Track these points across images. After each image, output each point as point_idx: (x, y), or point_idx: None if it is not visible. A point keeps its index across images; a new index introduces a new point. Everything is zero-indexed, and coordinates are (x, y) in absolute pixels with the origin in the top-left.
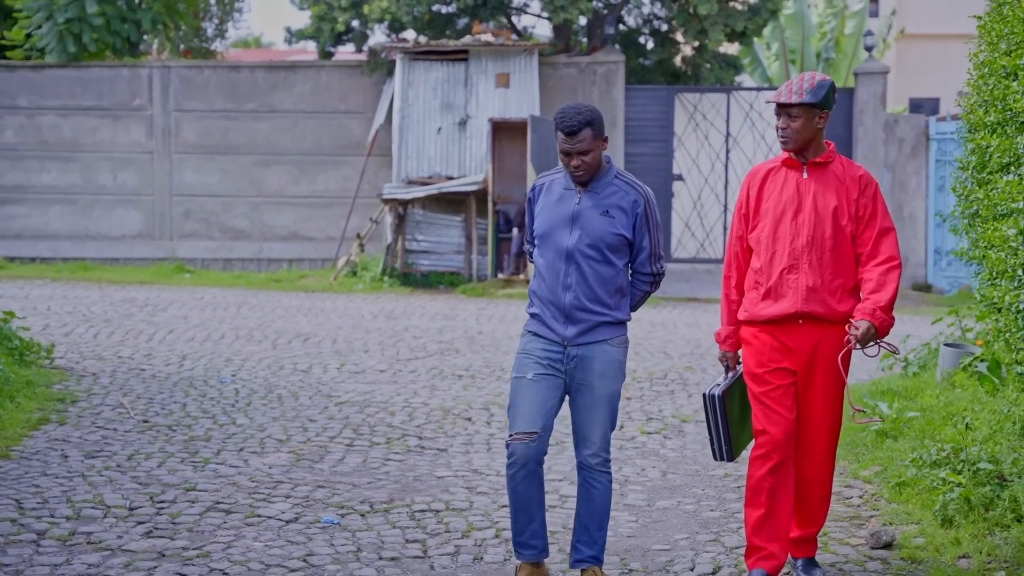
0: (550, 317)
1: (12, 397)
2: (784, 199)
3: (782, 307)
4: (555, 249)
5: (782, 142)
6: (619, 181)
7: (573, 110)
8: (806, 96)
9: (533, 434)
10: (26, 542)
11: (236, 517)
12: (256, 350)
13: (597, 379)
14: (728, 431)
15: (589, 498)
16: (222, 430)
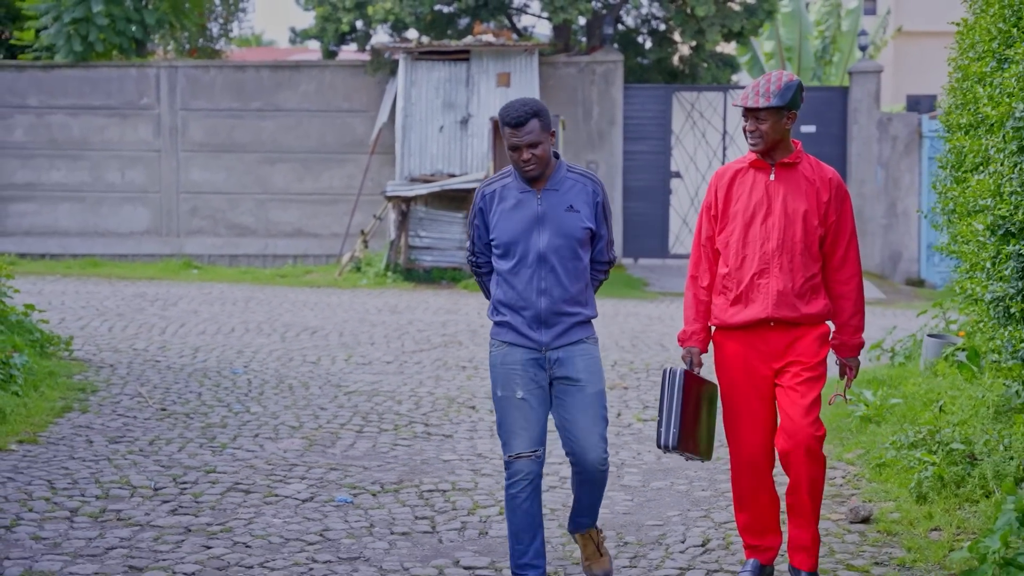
0: (523, 324)
1: (36, 386)
2: (753, 202)
3: (752, 312)
4: (523, 254)
5: (751, 144)
6: (572, 174)
7: (519, 103)
8: (773, 99)
9: (535, 452)
10: (60, 518)
11: (255, 497)
12: (266, 343)
13: (585, 375)
14: (683, 414)
15: (590, 491)
16: (237, 418)
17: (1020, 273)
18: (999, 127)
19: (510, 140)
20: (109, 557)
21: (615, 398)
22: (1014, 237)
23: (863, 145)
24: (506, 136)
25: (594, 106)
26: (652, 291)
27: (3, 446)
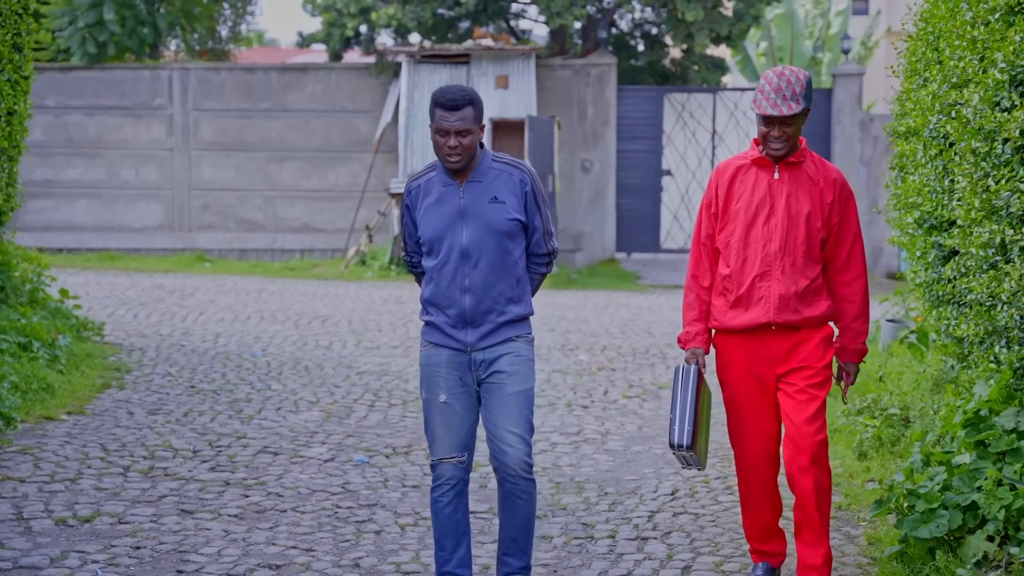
0: (448, 324)
1: (77, 366)
2: (756, 201)
3: (753, 316)
4: (448, 251)
5: (775, 151)
6: (498, 164)
7: (456, 87)
8: (803, 102)
9: (459, 458)
10: (115, 474)
11: (282, 458)
12: (280, 329)
13: (507, 376)
14: (696, 410)
15: (514, 508)
16: (260, 394)
17: (941, 260)
18: (921, 136)
19: (440, 123)
20: (162, 503)
21: (603, 378)
22: (936, 229)
23: (846, 145)
24: (436, 118)
25: (589, 107)
26: (643, 283)
27: (55, 416)
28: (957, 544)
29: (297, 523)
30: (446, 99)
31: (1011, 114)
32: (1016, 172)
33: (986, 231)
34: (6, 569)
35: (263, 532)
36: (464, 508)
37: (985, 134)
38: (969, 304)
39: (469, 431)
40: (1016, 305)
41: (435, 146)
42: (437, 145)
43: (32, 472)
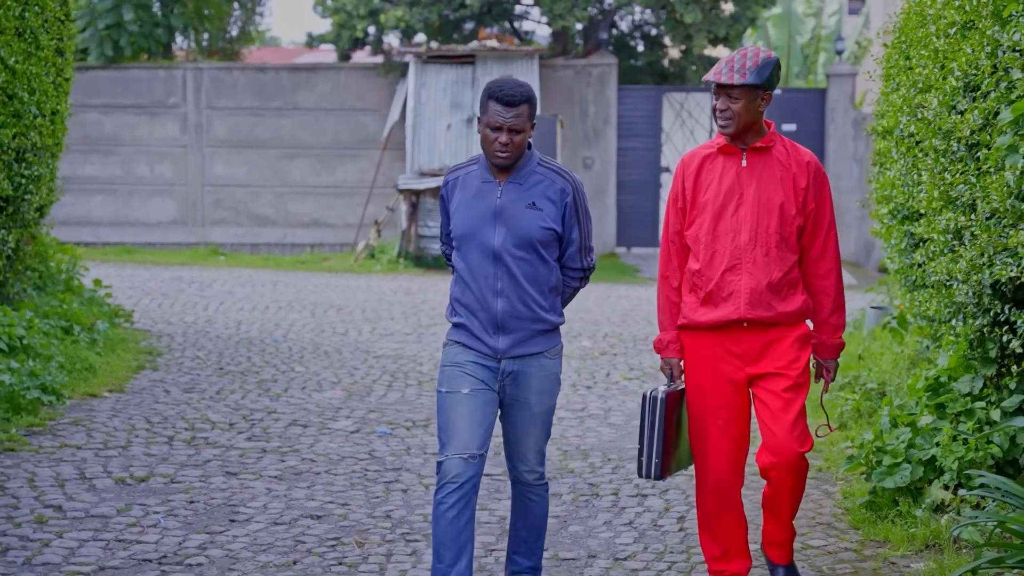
0: (479, 327)
1: (113, 349)
2: (723, 191)
3: (723, 312)
4: (480, 251)
5: (721, 126)
6: (543, 169)
7: (514, 81)
8: (749, 76)
9: (472, 456)
10: (161, 442)
11: (312, 430)
12: (298, 318)
13: (535, 395)
14: (665, 442)
15: (525, 512)
16: (285, 375)
17: (912, 248)
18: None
19: (493, 118)
20: (208, 466)
21: (605, 362)
22: (908, 219)
23: (839, 143)
24: (489, 113)
25: (590, 106)
26: (642, 276)
27: (98, 393)
28: (918, 493)
29: (331, 483)
30: (502, 93)
31: (964, 117)
32: (968, 167)
33: (944, 219)
34: (80, 517)
35: (302, 490)
36: (469, 515)
37: (943, 134)
38: (933, 285)
39: (486, 432)
40: (969, 283)
41: (483, 140)
42: (486, 140)
43: (86, 440)
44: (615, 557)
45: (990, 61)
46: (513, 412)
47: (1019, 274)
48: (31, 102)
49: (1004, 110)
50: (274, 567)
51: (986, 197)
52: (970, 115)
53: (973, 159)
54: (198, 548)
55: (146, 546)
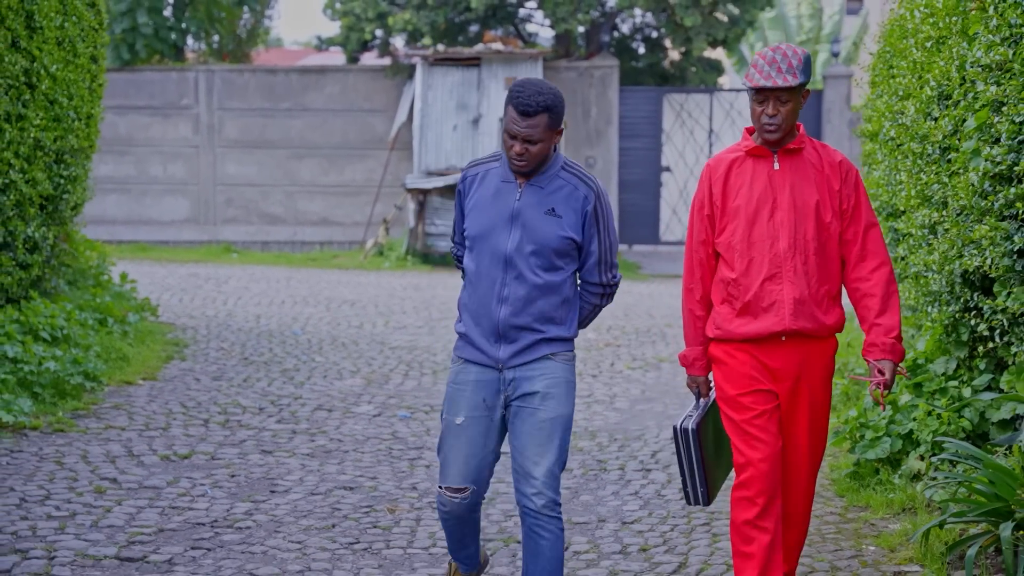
0: (479, 336)
1: (143, 340)
2: (756, 195)
3: (765, 324)
4: (491, 254)
5: (768, 131)
6: (566, 173)
7: (534, 88)
8: (800, 76)
9: (464, 491)
10: (198, 424)
11: (336, 413)
12: (314, 312)
13: (540, 399)
14: (704, 470)
15: (536, 552)
16: (306, 365)
17: (895, 243)
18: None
19: (510, 126)
20: (244, 445)
21: (609, 353)
22: (892, 216)
23: (835, 143)
24: (508, 118)
25: (592, 107)
26: (644, 273)
27: (133, 381)
28: (897, 463)
29: (359, 459)
30: (519, 101)
31: (937, 123)
32: (941, 168)
33: (921, 215)
34: (134, 488)
35: (333, 465)
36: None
37: (920, 138)
38: (913, 276)
39: (482, 462)
40: (943, 274)
41: (503, 143)
42: (505, 144)
43: (128, 423)
44: (623, 521)
45: (959, 74)
46: (519, 421)
47: (982, 264)
48: (69, 107)
49: (970, 118)
50: (315, 529)
51: (955, 195)
52: (942, 121)
53: (945, 161)
54: (244, 514)
55: (198, 512)
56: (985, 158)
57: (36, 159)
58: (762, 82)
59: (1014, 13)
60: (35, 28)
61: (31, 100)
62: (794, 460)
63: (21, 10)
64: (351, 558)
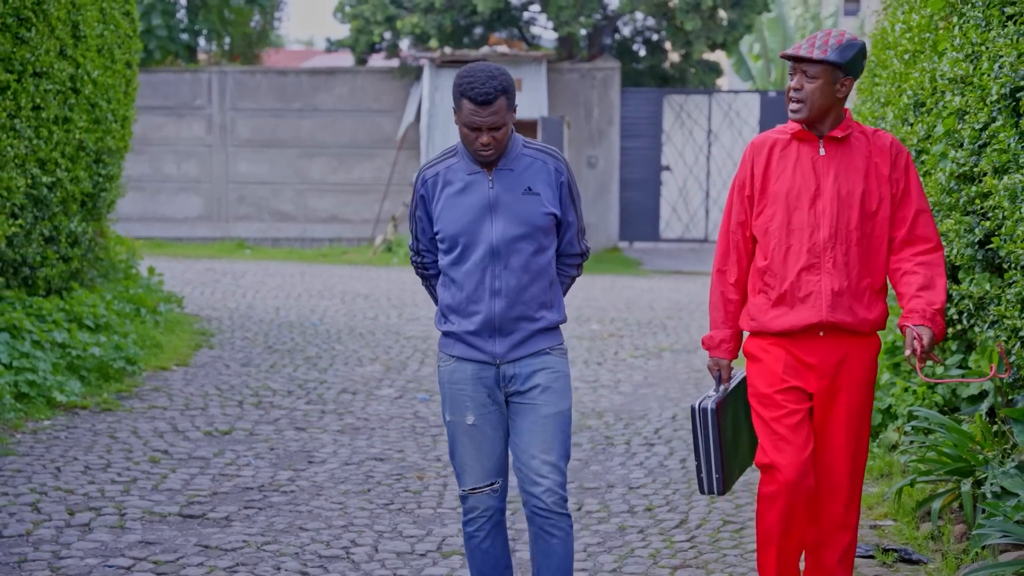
0: (473, 333)
1: (172, 330)
2: (798, 181)
3: (801, 316)
4: (476, 249)
5: (793, 108)
6: (530, 150)
7: (485, 73)
8: (830, 53)
9: (492, 484)
10: (233, 405)
11: (360, 396)
12: (330, 304)
13: (540, 394)
14: (722, 455)
15: (547, 552)
16: (327, 352)
17: None
18: None
19: (470, 118)
20: (278, 423)
21: (612, 343)
22: None
23: None
24: (464, 112)
25: (594, 107)
26: (645, 269)
27: (167, 367)
28: (876, 435)
29: (386, 435)
30: (475, 92)
31: (912, 128)
32: (919, 170)
33: None
34: (185, 459)
35: (363, 440)
36: (503, 540)
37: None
38: None
39: (502, 454)
40: None
41: (464, 138)
42: (467, 139)
43: (169, 403)
44: (629, 486)
45: (931, 85)
46: (520, 418)
47: (949, 254)
48: (108, 110)
49: (939, 125)
50: (353, 493)
51: (928, 192)
52: (917, 127)
53: (919, 162)
54: (287, 480)
55: (245, 479)
56: (951, 160)
57: (79, 159)
58: (790, 51)
59: (974, 32)
60: (80, 37)
61: (75, 104)
62: (832, 464)
63: (68, 20)
64: (387, 516)
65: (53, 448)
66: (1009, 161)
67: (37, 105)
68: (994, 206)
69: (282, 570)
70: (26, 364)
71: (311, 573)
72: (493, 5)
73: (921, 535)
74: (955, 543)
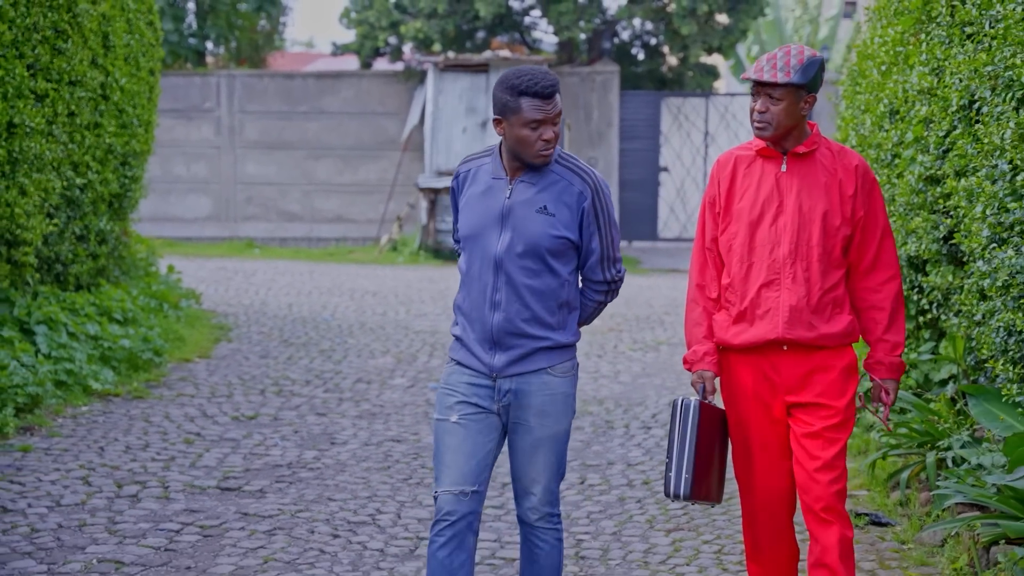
0: (474, 341)
1: (192, 325)
2: (761, 198)
3: (759, 332)
4: (482, 256)
5: (758, 129)
6: (560, 168)
7: (539, 71)
8: (793, 75)
9: (465, 491)
10: (256, 393)
11: (375, 385)
12: (340, 301)
13: (535, 417)
14: (696, 455)
15: (532, 560)
16: (341, 346)
17: None
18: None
19: (533, 114)
20: (300, 409)
21: (612, 337)
22: None
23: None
24: (526, 110)
25: (594, 110)
26: (643, 268)
27: (190, 359)
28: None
29: (401, 420)
30: (540, 87)
31: (887, 134)
32: (891, 171)
33: None
34: (216, 440)
35: (380, 424)
36: (464, 558)
37: (875, 146)
38: None
39: (480, 461)
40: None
41: (520, 141)
42: (525, 140)
43: (195, 392)
44: (628, 464)
45: (903, 95)
46: (514, 437)
47: (919, 249)
48: (134, 115)
49: (909, 132)
50: (375, 469)
51: (901, 193)
52: (891, 133)
53: (893, 166)
54: (313, 459)
55: (274, 457)
56: (919, 164)
57: (108, 162)
58: (752, 75)
59: (939, 49)
60: (109, 47)
61: (105, 110)
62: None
63: (99, 31)
64: (407, 488)
65: (94, 431)
66: (967, 165)
67: (72, 112)
68: (955, 205)
69: (315, 533)
70: (64, 354)
71: (342, 535)
72: (495, 10)
73: (891, 502)
74: (920, 508)
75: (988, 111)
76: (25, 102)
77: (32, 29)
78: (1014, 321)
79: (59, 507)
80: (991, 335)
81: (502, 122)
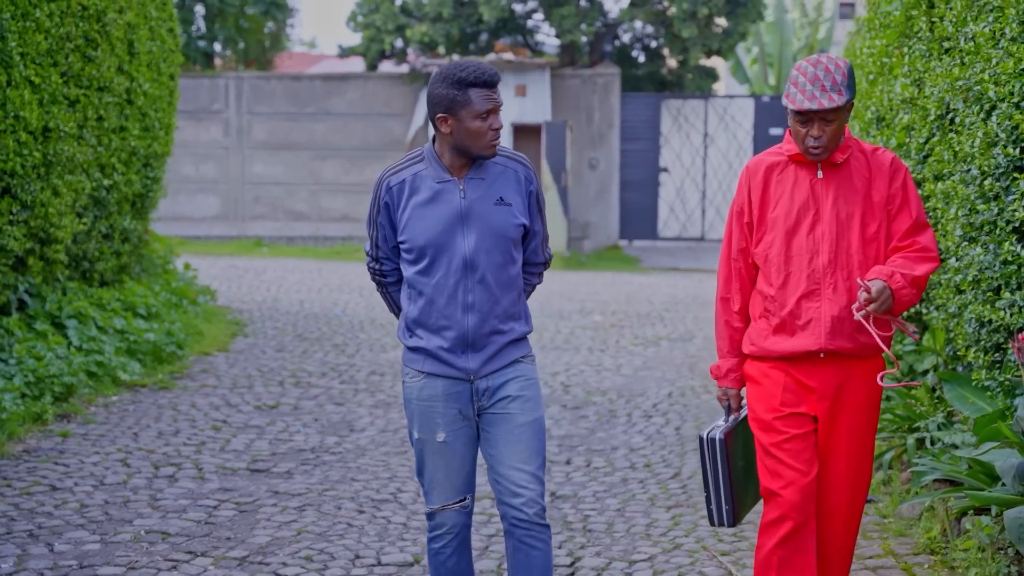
0: (444, 349)
1: (209, 320)
2: (796, 206)
3: (801, 343)
4: (448, 262)
5: (815, 153)
6: (500, 157)
7: (479, 62)
8: (846, 94)
9: (461, 500)
10: (275, 384)
11: (388, 377)
12: (350, 298)
13: (516, 403)
14: (731, 485)
15: (528, 564)
16: (353, 340)
17: None
18: None
19: (483, 104)
20: (318, 399)
21: (614, 332)
22: None
23: None
24: (475, 101)
25: (595, 112)
26: (644, 266)
27: (209, 352)
28: None
29: None
30: (486, 76)
31: (874, 140)
32: None
33: None
34: (242, 427)
35: (395, 414)
36: (468, 556)
37: None
38: None
39: (470, 470)
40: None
41: (472, 134)
42: (476, 132)
43: (217, 383)
44: (630, 448)
45: (888, 103)
46: (494, 428)
47: None
48: (155, 118)
49: (893, 138)
50: (393, 454)
51: None
52: (878, 139)
53: None
54: (335, 444)
55: (297, 442)
56: None
57: (132, 163)
58: (807, 104)
59: (919, 61)
60: (134, 53)
61: (130, 114)
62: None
63: (125, 39)
64: None
65: (126, 418)
66: (943, 170)
67: (100, 116)
68: (934, 207)
69: (342, 509)
70: (94, 347)
71: (367, 511)
72: (498, 14)
73: (876, 481)
74: (902, 485)
75: (960, 120)
76: (59, 107)
77: (65, 38)
78: (984, 313)
79: (103, 486)
80: (964, 326)
81: (448, 119)
